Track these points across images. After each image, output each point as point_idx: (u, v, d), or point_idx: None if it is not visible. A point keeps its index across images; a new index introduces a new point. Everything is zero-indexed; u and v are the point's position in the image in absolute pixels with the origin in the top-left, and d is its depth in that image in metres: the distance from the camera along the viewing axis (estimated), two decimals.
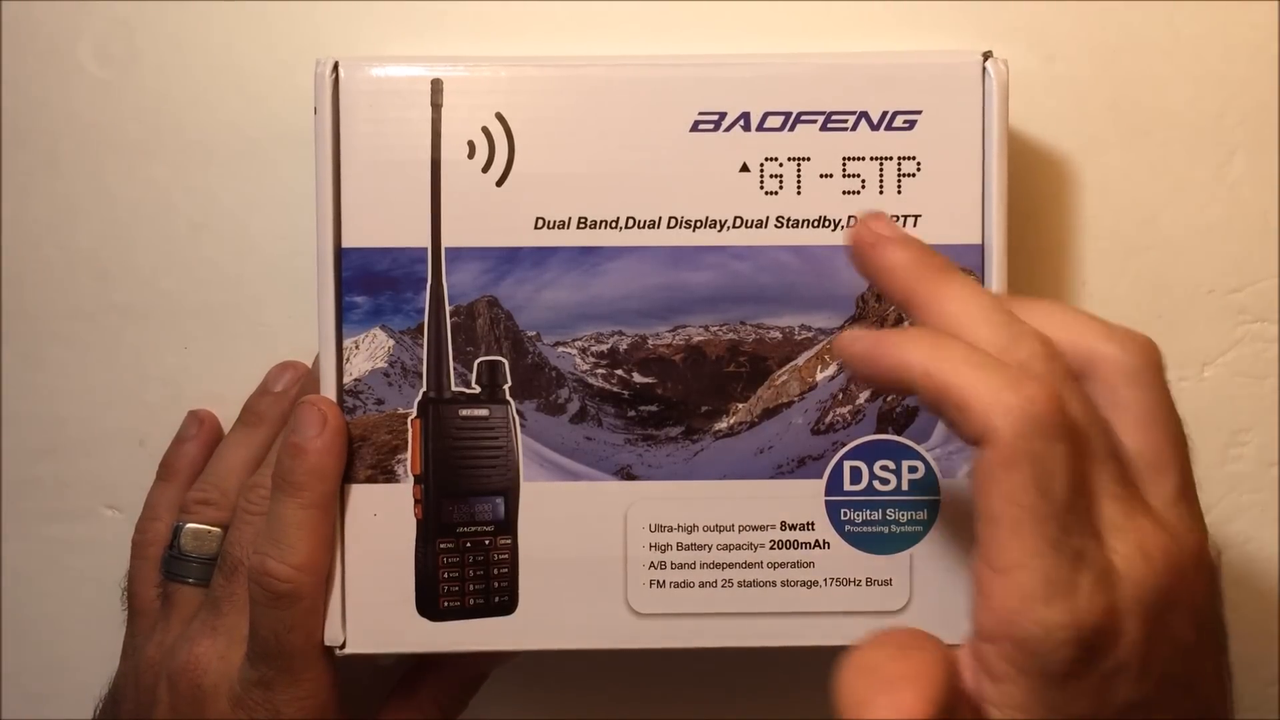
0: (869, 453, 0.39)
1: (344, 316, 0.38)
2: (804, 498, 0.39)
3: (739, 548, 0.39)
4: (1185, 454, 0.31)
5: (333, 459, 0.38)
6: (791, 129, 0.38)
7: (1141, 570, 0.29)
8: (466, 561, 0.38)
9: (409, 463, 0.38)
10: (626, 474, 0.39)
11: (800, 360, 0.39)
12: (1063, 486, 0.28)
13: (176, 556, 0.41)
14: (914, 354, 0.30)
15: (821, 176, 0.38)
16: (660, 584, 0.39)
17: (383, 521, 0.38)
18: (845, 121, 0.38)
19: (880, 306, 0.38)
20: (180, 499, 0.42)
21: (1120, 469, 0.30)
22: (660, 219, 0.38)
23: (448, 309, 0.38)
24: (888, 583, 0.39)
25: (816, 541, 0.39)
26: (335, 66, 0.38)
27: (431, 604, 0.38)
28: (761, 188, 0.38)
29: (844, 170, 0.38)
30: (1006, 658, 0.28)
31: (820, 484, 0.39)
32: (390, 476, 0.38)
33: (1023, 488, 0.28)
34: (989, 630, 0.29)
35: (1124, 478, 0.30)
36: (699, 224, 0.38)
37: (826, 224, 0.38)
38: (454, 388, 0.39)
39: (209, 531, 0.41)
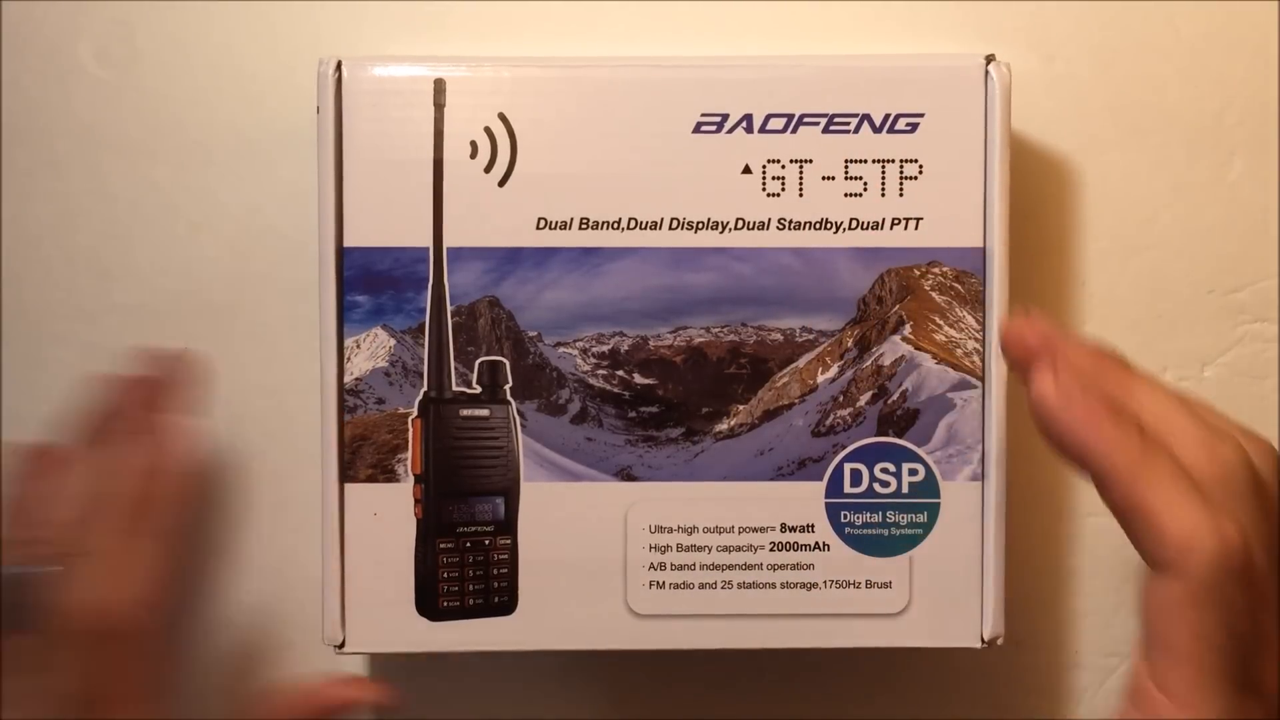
0: (869, 455, 0.39)
1: (345, 316, 0.38)
2: (804, 500, 0.39)
3: (739, 549, 0.39)
4: None
5: (168, 488, 0.36)
6: (794, 131, 0.38)
7: None
8: (466, 561, 0.39)
9: (409, 462, 0.38)
10: (627, 475, 0.39)
11: (801, 362, 0.39)
12: (1245, 629, 0.28)
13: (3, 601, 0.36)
14: (1118, 451, 0.29)
15: (823, 179, 0.38)
16: (660, 585, 0.39)
17: (383, 521, 0.38)
18: (847, 124, 0.38)
19: (881, 309, 0.38)
20: (9, 536, 0.38)
21: None
22: (662, 220, 0.38)
23: (449, 309, 0.38)
24: (887, 585, 0.39)
25: (816, 544, 0.39)
26: (338, 66, 0.38)
27: (431, 604, 0.39)
28: (763, 189, 0.38)
29: (846, 172, 0.38)
30: None
31: (820, 486, 0.39)
32: (390, 476, 0.38)
33: (1213, 627, 0.28)
34: None
35: None
36: (701, 225, 0.38)
37: (828, 226, 0.38)
38: (455, 387, 0.39)
39: (36, 572, 0.36)
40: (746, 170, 0.38)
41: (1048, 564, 0.45)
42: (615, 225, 0.38)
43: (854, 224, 0.38)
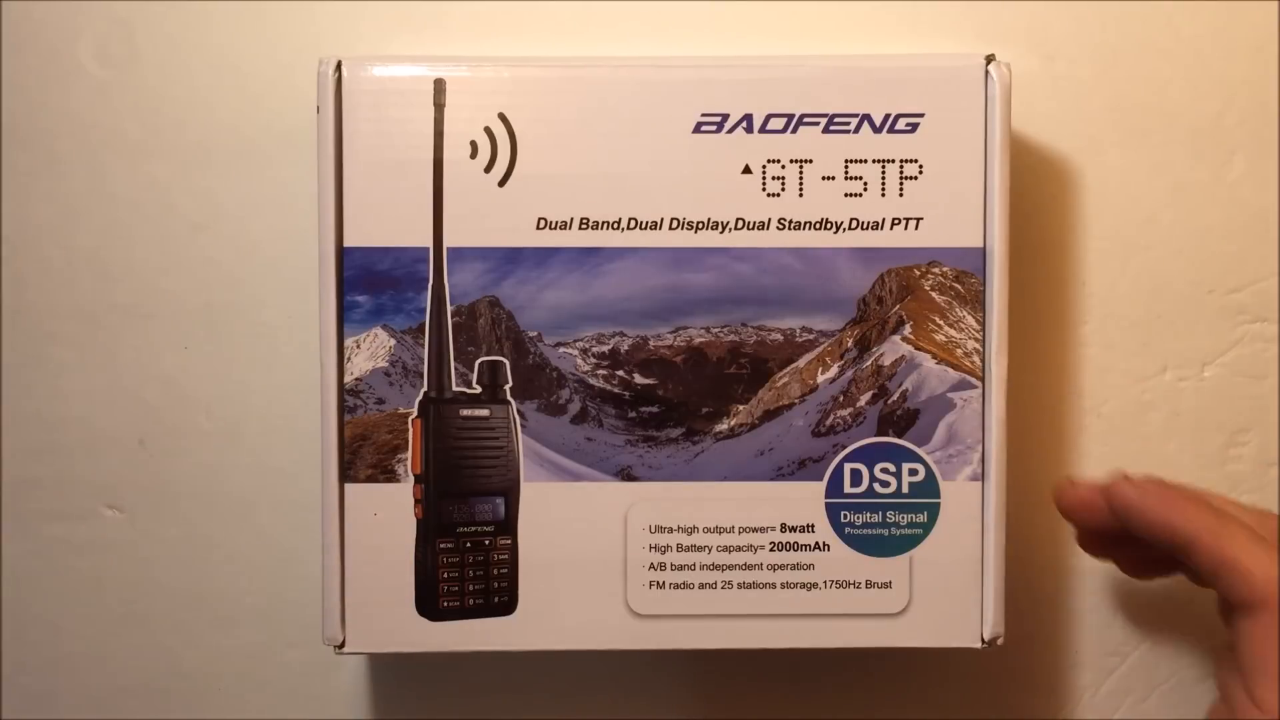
0: (869, 455, 0.39)
1: (345, 316, 0.38)
2: (804, 500, 0.39)
3: (739, 549, 0.39)
4: None
5: None
6: (794, 131, 0.38)
7: None
8: (466, 561, 0.38)
9: (409, 462, 0.38)
10: (627, 475, 0.39)
11: (801, 362, 0.39)
12: None
13: None
14: (1199, 520, 0.35)
15: (824, 179, 0.38)
16: (660, 585, 0.39)
17: (383, 521, 0.38)
18: (848, 124, 0.38)
19: (881, 309, 0.38)
20: None
21: None
22: (662, 220, 0.38)
23: (449, 309, 0.38)
24: (887, 585, 0.39)
25: (816, 544, 0.39)
26: (338, 66, 0.38)
27: (431, 604, 0.38)
28: (763, 189, 0.38)
29: (846, 172, 0.38)
30: None
31: (820, 486, 0.39)
32: (390, 476, 0.38)
33: None
34: None
35: None
36: (701, 225, 0.38)
37: (828, 226, 0.38)
38: (455, 388, 0.39)
39: None
40: (746, 170, 0.38)
41: (1048, 564, 0.45)
42: (615, 225, 0.38)
43: (854, 224, 0.38)
